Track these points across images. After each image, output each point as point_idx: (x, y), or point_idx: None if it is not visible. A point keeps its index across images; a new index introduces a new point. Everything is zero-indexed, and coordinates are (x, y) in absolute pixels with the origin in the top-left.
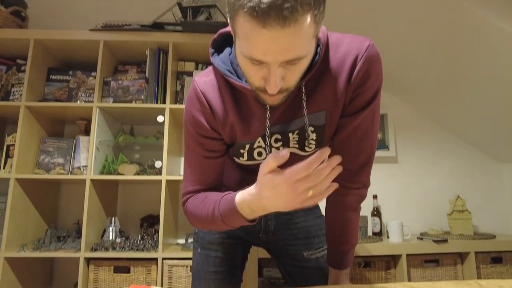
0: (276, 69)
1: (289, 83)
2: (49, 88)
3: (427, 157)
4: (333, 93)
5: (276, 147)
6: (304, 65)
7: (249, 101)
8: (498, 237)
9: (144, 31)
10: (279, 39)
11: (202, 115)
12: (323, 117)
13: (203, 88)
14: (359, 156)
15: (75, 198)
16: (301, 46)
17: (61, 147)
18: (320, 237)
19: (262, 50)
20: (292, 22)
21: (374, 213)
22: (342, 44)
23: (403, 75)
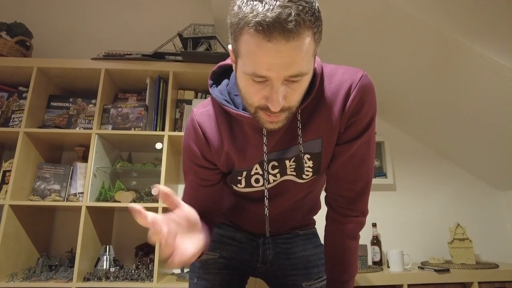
0: (279, 86)
1: (291, 102)
2: (49, 115)
3: (425, 185)
4: (328, 121)
5: (273, 173)
6: (305, 85)
7: (246, 129)
8: (501, 266)
9: (145, 60)
10: (283, 53)
11: (197, 145)
12: (319, 144)
13: (199, 119)
14: (357, 183)
15: (69, 226)
16: (303, 62)
17: (58, 174)
18: (319, 267)
19: (266, 65)
20: (296, 36)
21: (373, 242)
22: (336, 75)
23: (399, 104)
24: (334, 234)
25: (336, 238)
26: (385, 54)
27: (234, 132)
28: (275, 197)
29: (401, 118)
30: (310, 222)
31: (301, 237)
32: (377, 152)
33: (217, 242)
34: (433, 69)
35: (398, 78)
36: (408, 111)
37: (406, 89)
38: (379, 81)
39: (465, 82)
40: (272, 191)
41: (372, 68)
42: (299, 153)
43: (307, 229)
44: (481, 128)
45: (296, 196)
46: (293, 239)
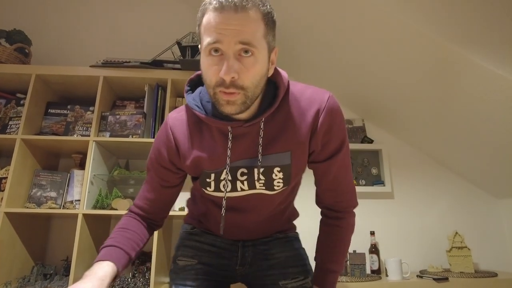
0: (230, 55)
1: (244, 81)
2: (46, 122)
3: (423, 193)
4: (297, 136)
5: (241, 180)
6: (256, 69)
7: (215, 133)
8: (500, 275)
9: (144, 68)
10: (232, 20)
11: (166, 148)
12: (288, 157)
13: (172, 123)
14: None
15: (65, 234)
16: (252, 33)
17: (54, 181)
18: (297, 267)
19: (218, 30)
20: (243, 9)
21: (372, 250)
22: (304, 94)
23: (397, 112)
24: (329, 229)
25: (330, 232)
26: (381, 62)
27: (204, 136)
28: (250, 210)
29: (398, 126)
30: (290, 227)
31: (281, 240)
32: (375, 160)
33: (196, 249)
34: (430, 77)
35: (395, 86)
36: (405, 119)
37: (403, 97)
38: (375, 89)
39: (461, 90)
40: (245, 204)
41: (368, 76)
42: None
43: (288, 233)
44: (479, 136)
45: (269, 207)
46: (272, 242)
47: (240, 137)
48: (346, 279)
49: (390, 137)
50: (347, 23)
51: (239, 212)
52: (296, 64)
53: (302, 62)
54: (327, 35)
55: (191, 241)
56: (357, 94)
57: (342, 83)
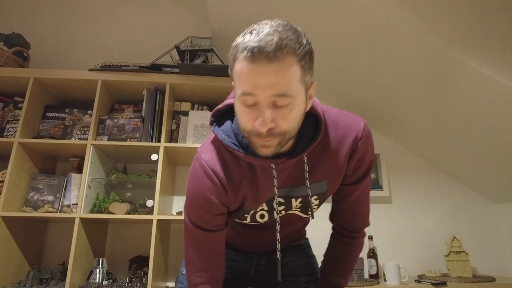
0: (265, 106)
1: (282, 127)
2: (44, 125)
3: (422, 197)
4: (335, 165)
5: (279, 210)
6: (295, 112)
7: (257, 171)
8: (498, 280)
9: (142, 72)
10: (267, 73)
11: (215, 193)
12: (325, 185)
13: (212, 166)
14: (363, 212)
15: (62, 238)
16: (287, 84)
17: (51, 184)
18: (309, 276)
19: (252, 83)
20: (277, 58)
21: (370, 255)
22: (340, 122)
23: (395, 116)
24: (339, 245)
25: (340, 249)
26: (380, 67)
27: (248, 175)
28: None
29: (397, 131)
30: (302, 233)
31: (294, 247)
32: None
33: None
34: (427, 82)
35: (393, 90)
36: (404, 124)
37: (401, 102)
38: (374, 94)
39: (460, 95)
40: (273, 224)
41: (366, 80)
42: (307, 195)
43: (300, 240)
44: (477, 140)
45: (297, 225)
46: (286, 250)
47: (283, 172)
48: None
49: (388, 141)
50: (346, 29)
51: (266, 229)
52: None
53: None
54: (326, 41)
55: None
56: (355, 99)
57: (341, 88)
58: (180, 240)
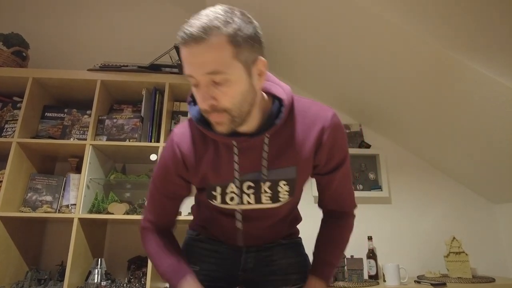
0: (203, 86)
1: (224, 104)
2: (43, 125)
3: (421, 198)
4: (302, 152)
5: (248, 193)
6: (235, 91)
7: (221, 147)
8: (497, 280)
9: (141, 72)
10: (196, 54)
11: (174, 164)
12: (293, 171)
13: (178, 139)
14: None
15: (61, 238)
16: (217, 62)
17: (50, 185)
18: (298, 274)
19: (188, 65)
20: (203, 40)
21: (369, 255)
22: (309, 111)
23: (394, 117)
24: (330, 226)
25: (331, 230)
26: (379, 67)
27: (210, 151)
28: (254, 219)
29: (396, 131)
30: (293, 232)
31: (284, 246)
32: (372, 164)
33: (199, 255)
34: (427, 82)
35: (393, 91)
36: (403, 124)
37: (400, 102)
38: (373, 94)
39: (458, 96)
40: (250, 213)
41: (365, 81)
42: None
43: (290, 239)
44: (476, 141)
45: (275, 218)
46: (275, 248)
47: (246, 151)
48: (343, 285)
49: (387, 142)
50: (345, 29)
51: (245, 221)
52: (293, 70)
53: (300, 68)
54: (324, 41)
55: (195, 247)
56: (355, 99)
57: (340, 89)
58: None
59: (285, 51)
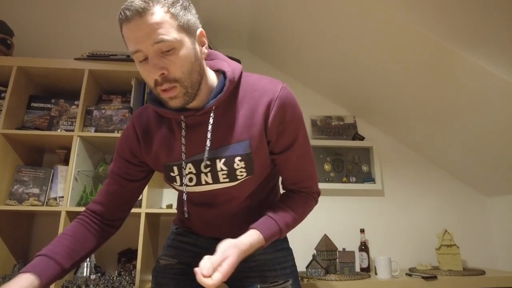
0: (152, 57)
1: (174, 73)
2: (29, 116)
3: (414, 191)
4: (253, 126)
5: (205, 172)
6: (183, 59)
7: (173, 126)
8: (487, 273)
9: (130, 61)
10: (141, 26)
11: (128, 140)
12: (247, 146)
13: (135, 118)
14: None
15: (49, 231)
16: (163, 30)
17: (37, 177)
18: (276, 271)
19: (134, 40)
20: (145, 12)
21: (361, 248)
22: (258, 85)
23: (388, 109)
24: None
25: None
26: (373, 59)
27: (163, 130)
28: (219, 204)
29: (390, 123)
30: None
31: None
32: (366, 157)
33: (178, 249)
34: (421, 74)
35: (387, 83)
36: (397, 116)
37: (395, 95)
38: (367, 86)
39: (453, 88)
40: (213, 199)
41: (360, 73)
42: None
43: None
44: (470, 134)
45: (238, 199)
46: None
47: (196, 127)
48: (335, 278)
49: (381, 134)
50: (341, 20)
51: (209, 207)
52: (288, 61)
53: (293, 60)
54: (319, 33)
55: (174, 241)
56: (349, 91)
57: (334, 80)
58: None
59: (279, 41)
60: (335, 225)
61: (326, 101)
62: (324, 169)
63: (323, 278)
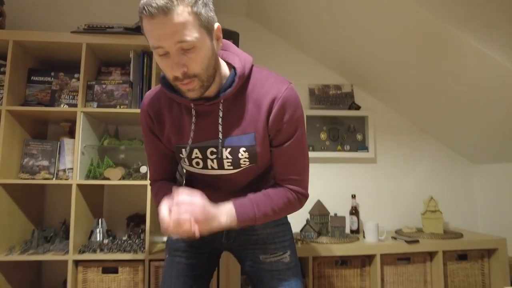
0: (174, 55)
1: (194, 69)
2: (30, 90)
3: (405, 158)
4: (258, 120)
5: (211, 158)
6: (202, 55)
7: (183, 110)
8: (465, 235)
9: (128, 34)
10: (165, 25)
11: (146, 122)
12: (252, 138)
13: (146, 102)
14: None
15: (61, 199)
16: (186, 30)
17: (45, 150)
18: (276, 243)
19: (157, 36)
20: (170, 11)
21: (352, 212)
22: (267, 82)
23: (387, 80)
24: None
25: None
26: (374, 28)
27: (174, 113)
28: (226, 187)
29: (386, 92)
30: None
31: None
32: (361, 126)
33: None
34: (421, 49)
35: (386, 53)
36: (394, 85)
37: (394, 65)
38: (368, 56)
39: (448, 66)
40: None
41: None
42: (238, 146)
43: None
44: (462, 107)
45: (242, 182)
46: None
47: (204, 116)
48: (326, 240)
49: (377, 103)
50: None
51: (216, 189)
52: (287, 29)
53: (293, 26)
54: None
55: None
56: (348, 59)
57: (333, 48)
58: None
59: (279, 7)
60: (329, 191)
61: (324, 69)
62: (320, 138)
63: (315, 240)
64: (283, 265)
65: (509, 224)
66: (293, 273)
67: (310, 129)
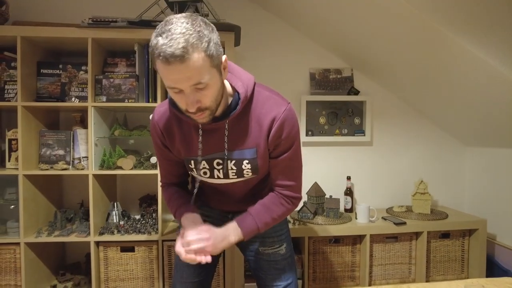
0: (189, 94)
1: (206, 104)
2: (41, 83)
3: (400, 141)
4: (259, 137)
5: (217, 169)
6: (213, 91)
7: (190, 127)
8: (450, 216)
9: (132, 28)
10: (182, 70)
11: (157, 136)
12: (254, 152)
13: (157, 118)
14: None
15: (78, 183)
16: (201, 74)
17: (60, 139)
18: (274, 237)
19: (174, 80)
20: (186, 58)
21: (346, 193)
22: (267, 103)
23: (386, 64)
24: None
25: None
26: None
27: (183, 129)
28: (230, 191)
29: (385, 76)
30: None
31: None
32: (359, 110)
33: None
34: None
35: (386, 37)
36: (392, 69)
37: (394, 52)
38: (368, 40)
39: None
40: (225, 188)
41: (360, 26)
42: (241, 158)
43: None
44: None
45: (247, 187)
46: None
47: (211, 133)
48: (321, 220)
49: (376, 86)
50: None
51: (222, 193)
52: (289, 11)
53: (295, 9)
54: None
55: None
56: (349, 43)
57: (333, 32)
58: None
59: None
60: (325, 173)
61: (325, 53)
62: (319, 122)
63: (311, 221)
64: (279, 256)
65: (492, 205)
66: (288, 263)
67: (310, 114)
